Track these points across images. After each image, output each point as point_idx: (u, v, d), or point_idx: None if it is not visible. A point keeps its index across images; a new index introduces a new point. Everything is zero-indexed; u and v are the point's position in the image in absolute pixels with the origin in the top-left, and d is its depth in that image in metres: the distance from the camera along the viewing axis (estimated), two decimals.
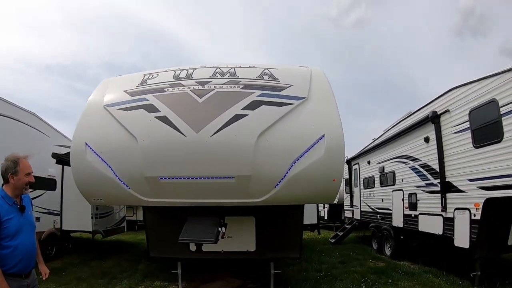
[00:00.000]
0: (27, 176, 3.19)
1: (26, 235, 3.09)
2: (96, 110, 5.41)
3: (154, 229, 6.89)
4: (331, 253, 11.13)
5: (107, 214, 11.45)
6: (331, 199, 5.17)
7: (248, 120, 4.67)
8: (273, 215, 6.30)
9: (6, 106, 8.93)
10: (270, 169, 4.66)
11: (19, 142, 8.94)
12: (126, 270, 8.88)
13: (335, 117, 4.88)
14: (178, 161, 4.70)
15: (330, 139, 4.67)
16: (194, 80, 5.31)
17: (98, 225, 10.76)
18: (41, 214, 9.66)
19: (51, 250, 10.15)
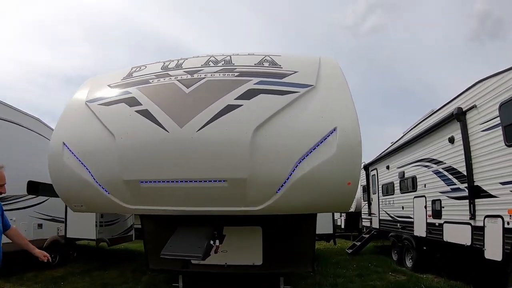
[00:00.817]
0: (1, 188, 3.13)
1: None
2: (78, 107, 4.65)
3: (152, 239, 6.04)
4: (348, 265, 10.04)
5: (114, 222, 10.80)
6: (345, 207, 4.19)
7: (243, 111, 3.77)
8: (282, 224, 5.42)
9: (9, 111, 8.41)
10: (269, 171, 3.74)
11: (22, 147, 8.48)
12: (128, 281, 8.08)
13: (349, 106, 3.94)
14: (160, 161, 3.84)
15: (344, 132, 3.73)
16: (183, 70, 4.48)
17: (103, 233, 10.11)
18: (44, 221, 9.08)
19: (54, 258, 9.40)
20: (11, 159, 7.70)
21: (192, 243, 4.09)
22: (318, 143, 3.73)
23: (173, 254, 4.04)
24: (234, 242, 5.32)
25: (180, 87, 4.12)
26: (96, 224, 9.65)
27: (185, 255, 3.96)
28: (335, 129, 3.74)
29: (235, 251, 5.43)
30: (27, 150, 8.59)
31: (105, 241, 10.25)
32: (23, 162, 8.32)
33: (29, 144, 8.93)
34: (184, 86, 4.11)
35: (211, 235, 4.26)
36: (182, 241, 4.18)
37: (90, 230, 9.67)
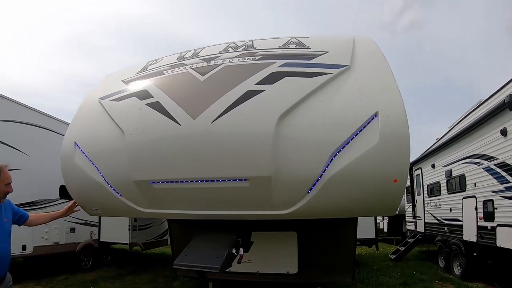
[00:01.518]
0: (6, 186, 2.99)
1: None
2: (91, 104, 4.21)
3: (179, 243, 5.51)
4: (391, 272, 9.07)
5: (148, 226, 10.51)
6: (391, 209, 3.38)
7: (265, 97, 3.12)
8: (319, 229, 4.70)
9: (43, 118, 8.31)
10: (298, 167, 3.05)
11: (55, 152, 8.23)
12: (159, 287, 7.67)
13: (391, 87, 3.18)
14: (171, 158, 3.26)
15: (387, 118, 2.97)
16: (199, 58, 3.89)
17: (137, 238, 9.87)
18: (76, 225, 8.86)
19: (87, 261, 9.32)
20: (44, 164, 7.56)
21: (210, 252, 3.45)
22: (357, 131, 3.00)
23: (186, 264, 3.42)
24: (266, 248, 4.71)
25: (194, 76, 3.54)
26: (130, 228, 9.36)
27: (200, 267, 3.32)
28: (376, 115, 3.00)
29: (268, 259, 4.80)
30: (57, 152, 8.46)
31: (139, 245, 9.98)
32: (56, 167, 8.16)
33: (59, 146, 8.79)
34: (198, 74, 3.53)
35: (233, 242, 3.61)
36: (199, 249, 3.56)
37: (124, 234, 9.40)
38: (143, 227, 10.10)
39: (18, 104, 7.49)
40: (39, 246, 7.38)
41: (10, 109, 7.20)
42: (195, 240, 3.78)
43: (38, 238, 7.48)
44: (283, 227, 4.61)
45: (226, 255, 3.36)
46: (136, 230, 9.70)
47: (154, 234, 10.86)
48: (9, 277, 3.06)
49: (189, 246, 3.68)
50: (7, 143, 7.01)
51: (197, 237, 3.84)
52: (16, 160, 7.09)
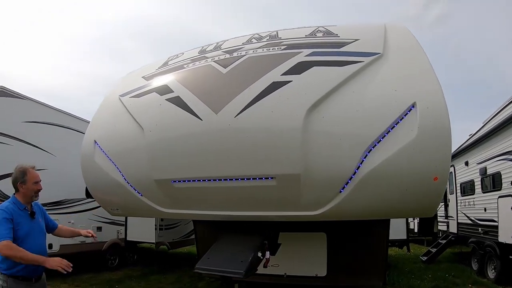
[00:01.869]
0: (35, 185, 3.03)
1: (34, 240, 2.96)
2: (111, 102, 4.05)
3: (204, 244, 5.31)
4: (423, 275, 8.56)
5: (174, 226, 10.36)
6: (430, 210, 3.03)
7: (292, 88, 2.83)
8: (349, 230, 4.39)
9: (70, 119, 8.31)
10: (330, 164, 2.75)
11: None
12: (184, 287, 7.49)
13: (429, 76, 2.82)
14: (192, 156, 3.03)
15: (426, 110, 2.63)
16: (221, 50, 3.65)
17: (163, 237, 9.73)
18: (103, 224, 8.80)
19: (113, 260, 9.25)
20: (70, 164, 7.48)
21: (234, 255, 3.19)
22: (393, 124, 2.67)
23: (208, 269, 3.16)
24: (294, 250, 4.45)
25: (216, 68, 3.30)
26: (156, 228, 9.23)
27: (223, 271, 3.06)
28: (414, 106, 2.67)
29: (295, 260, 4.53)
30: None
31: (165, 244, 9.86)
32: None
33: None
34: (221, 67, 3.28)
35: (259, 245, 3.34)
36: (222, 252, 3.31)
37: (150, 233, 9.29)
38: (169, 227, 9.96)
39: (43, 105, 7.49)
40: (65, 245, 7.35)
41: (35, 110, 7.20)
42: (219, 242, 3.53)
43: None
44: (312, 227, 4.32)
45: (251, 259, 3.08)
46: (162, 229, 9.57)
47: (180, 233, 10.72)
48: (44, 276, 3.15)
49: (212, 248, 3.43)
50: (34, 143, 7.01)
51: (221, 239, 3.60)
52: (43, 160, 7.07)
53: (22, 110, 6.87)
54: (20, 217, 2.90)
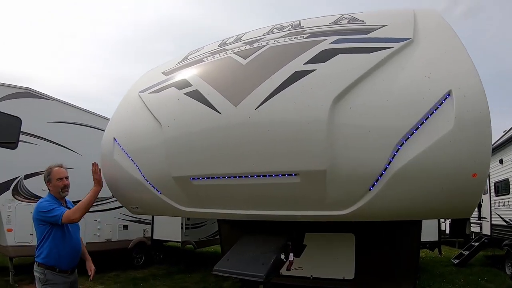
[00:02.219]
0: (59, 181, 3.15)
1: (70, 234, 3.09)
2: (130, 99, 3.96)
3: (229, 243, 5.15)
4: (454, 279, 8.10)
5: (201, 225, 10.30)
6: (466, 210, 2.72)
7: (316, 77, 2.60)
8: (379, 231, 4.13)
9: (95, 119, 8.36)
10: (358, 159, 2.51)
11: None
12: (209, 287, 7.39)
13: (465, 62, 2.52)
14: (211, 151, 2.86)
15: (463, 98, 2.34)
16: (241, 42, 3.46)
17: (189, 236, 9.66)
18: (129, 223, 8.85)
19: (139, 258, 9.28)
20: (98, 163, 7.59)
21: (254, 258, 2.97)
22: (427, 115, 2.39)
23: (226, 271, 2.97)
24: (321, 251, 4.22)
25: (236, 60, 3.11)
26: (182, 227, 9.18)
27: (242, 274, 2.86)
28: (450, 94, 2.38)
29: (322, 262, 4.30)
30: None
31: (191, 243, 9.78)
32: None
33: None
34: (240, 58, 3.09)
35: (283, 247, 3.12)
36: (242, 254, 3.11)
37: (176, 232, 9.25)
38: (196, 226, 9.91)
39: (68, 105, 7.57)
40: (91, 242, 7.40)
41: (61, 110, 7.28)
42: (240, 243, 3.34)
43: (90, 234, 7.51)
44: (340, 228, 4.08)
45: (273, 262, 2.86)
46: (188, 228, 9.51)
47: (207, 232, 10.64)
48: (76, 271, 3.26)
49: (232, 250, 3.24)
50: (60, 143, 7.09)
51: (242, 240, 3.41)
52: (70, 160, 7.10)
53: (48, 111, 6.96)
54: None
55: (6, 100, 6.21)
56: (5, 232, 5.90)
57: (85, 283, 6.97)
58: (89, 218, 7.52)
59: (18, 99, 6.42)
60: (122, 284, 7.01)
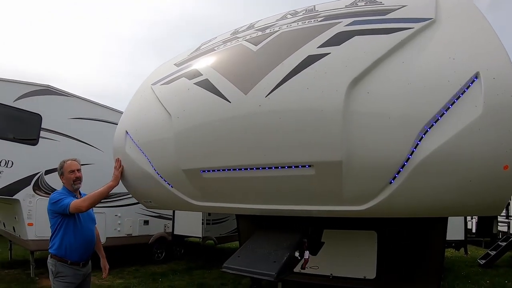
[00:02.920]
0: (71, 173, 3.17)
1: (83, 226, 3.09)
2: (143, 92, 3.88)
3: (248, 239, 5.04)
4: (480, 280, 7.68)
5: (222, 221, 10.24)
6: (496, 206, 2.44)
7: (331, 61, 2.40)
8: (402, 229, 3.92)
9: (108, 112, 8.40)
10: (377, 149, 2.29)
11: None
12: (227, 283, 7.29)
13: (493, 42, 2.27)
14: (220, 142, 2.71)
15: (492, 81, 2.09)
16: (253, 29, 3.31)
17: (210, 232, 9.62)
18: (150, 218, 8.89)
19: (160, 254, 9.31)
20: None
21: (266, 255, 2.81)
22: (453, 99, 2.16)
23: (236, 268, 2.83)
24: (340, 249, 4.04)
25: (247, 47, 2.96)
26: (203, 222, 9.15)
27: (252, 272, 2.70)
28: (477, 76, 2.14)
29: (342, 261, 4.12)
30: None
31: (212, 239, 9.74)
32: None
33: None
34: (251, 45, 2.94)
35: (297, 244, 2.94)
36: (254, 251, 2.95)
37: (197, 228, 9.22)
38: (216, 221, 9.86)
39: (88, 101, 7.64)
40: (111, 237, 7.45)
41: (81, 107, 7.36)
42: (252, 239, 3.19)
43: (111, 229, 7.58)
44: (361, 225, 3.87)
45: (286, 260, 2.69)
46: (209, 224, 9.47)
47: (228, 228, 10.56)
48: (90, 264, 3.25)
49: (244, 246, 3.10)
50: (81, 139, 7.17)
51: (254, 236, 3.26)
52: (91, 156, 7.22)
53: (68, 107, 7.04)
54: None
55: (27, 98, 6.32)
56: (26, 226, 6.02)
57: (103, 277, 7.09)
58: (110, 213, 7.58)
59: (38, 97, 6.53)
60: (141, 279, 7.02)
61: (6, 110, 6.06)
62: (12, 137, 6.16)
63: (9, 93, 6.10)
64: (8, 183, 5.93)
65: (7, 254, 8.01)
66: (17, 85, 6.27)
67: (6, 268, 7.30)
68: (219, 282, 7.30)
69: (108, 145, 7.47)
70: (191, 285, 6.96)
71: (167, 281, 7.11)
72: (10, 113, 6.14)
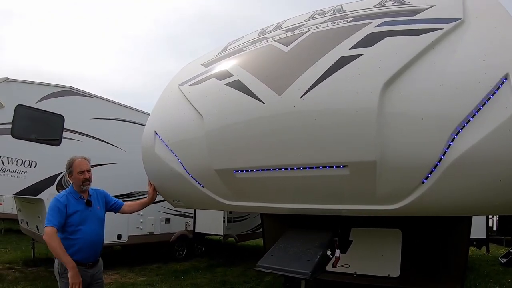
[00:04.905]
0: (80, 174, 3.11)
1: (89, 227, 3.07)
2: (170, 92, 4.04)
3: (272, 238, 5.14)
4: (502, 279, 7.65)
5: (243, 219, 10.31)
6: None
7: (364, 62, 2.50)
8: (427, 227, 3.98)
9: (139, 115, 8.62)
10: (411, 149, 2.39)
11: None
12: (250, 280, 7.42)
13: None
14: (255, 142, 2.84)
15: None
16: (282, 29, 3.41)
17: (231, 229, 9.73)
18: (171, 216, 9.09)
19: (181, 251, 9.52)
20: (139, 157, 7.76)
21: (300, 253, 2.93)
22: (483, 100, 2.24)
23: (270, 267, 2.93)
24: (365, 247, 4.11)
25: (277, 47, 3.07)
26: (224, 220, 9.28)
27: (286, 270, 2.81)
28: (507, 78, 2.23)
29: (366, 259, 4.19)
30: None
31: (233, 237, 9.89)
32: None
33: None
34: (282, 45, 3.05)
35: (329, 242, 3.05)
36: (287, 250, 3.07)
37: (218, 226, 9.35)
38: (238, 219, 9.98)
39: (109, 101, 7.84)
40: (133, 235, 7.67)
41: (102, 107, 7.55)
42: (284, 238, 3.30)
43: (133, 227, 7.79)
44: (386, 223, 3.93)
45: (319, 258, 2.81)
46: (231, 222, 9.59)
47: (249, 226, 10.68)
48: (101, 263, 3.26)
49: (276, 245, 3.21)
50: (103, 139, 7.36)
51: (286, 235, 3.37)
52: (113, 155, 7.42)
53: (90, 108, 7.24)
54: (75, 206, 3.04)
55: (49, 99, 6.52)
56: None
57: (127, 275, 7.31)
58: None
59: (60, 98, 6.72)
60: (164, 276, 7.21)
61: (29, 112, 6.26)
62: (35, 138, 6.38)
63: (32, 94, 6.30)
64: (32, 183, 6.14)
65: (30, 252, 8.28)
66: (39, 86, 6.47)
67: (30, 266, 7.57)
68: (241, 280, 7.43)
69: (131, 144, 7.73)
70: (213, 283, 7.11)
71: (189, 279, 7.29)
72: (33, 115, 6.35)
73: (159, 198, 8.36)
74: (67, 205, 2.99)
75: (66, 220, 2.95)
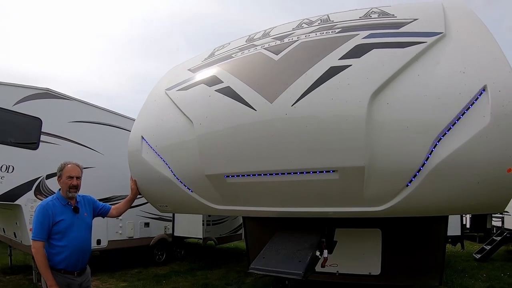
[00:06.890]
0: (69, 179, 3.07)
1: (76, 234, 3.03)
2: (157, 97, 4.04)
3: (254, 241, 5.22)
4: (476, 274, 8.05)
5: (221, 221, 10.44)
6: (499, 205, 2.75)
7: (352, 73, 2.64)
8: (406, 226, 4.16)
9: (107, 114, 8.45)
10: (396, 154, 2.55)
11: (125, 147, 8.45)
12: (231, 283, 7.45)
13: (498, 57, 2.56)
14: (247, 148, 2.91)
15: (498, 93, 2.38)
16: (271, 37, 3.50)
17: (210, 232, 9.81)
18: (150, 220, 9.00)
19: (161, 255, 9.44)
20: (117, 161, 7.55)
21: (291, 255, 3.04)
22: (463, 110, 2.44)
23: (264, 269, 3.01)
24: (347, 246, 4.23)
25: (267, 55, 3.16)
26: (203, 223, 9.31)
27: (280, 272, 2.90)
28: (485, 89, 2.43)
29: (348, 258, 4.34)
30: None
31: (212, 240, 9.93)
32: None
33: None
34: (272, 54, 3.14)
35: (317, 243, 3.17)
36: (278, 252, 3.16)
37: (197, 229, 9.39)
38: (216, 222, 10.06)
39: (88, 104, 7.67)
40: (113, 240, 7.56)
41: (81, 110, 7.39)
42: (274, 241, 3.39)
43: (113, 232, 7.67)
44: (367, 223, 4.10)
45: (310, 259, 2.92)
46: (209, 225, 9.66)
47: (228, 228, 10.79)
48: (89, 271, 3.22)
49: (267, 247, 3.30)
50: (81, 142, 7.20)
51: (275, 237, 3.46)
52: (91, 159, 7.27)
53: (68, 111, 7.07)
54: (61, 213, 2.99)
55: (26, 101, 6.32)
56: (28, 232, 6.02)
57: (108, 280, 7.19)
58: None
59: (37, 100, 6.53)
60: (145, 281, 7.15)
61: (5, 114, 6.04)
62: (12, 142, 6.16)
63: (9, 97, 6.08)
64: (9, 189, 5.93)
65: (7, 260, 8.01)
66: (17, 88, 6.26)
67: (7, 274, 7.35)
68: (223, 282, 7.45)
69: (109, 148, 7.61)
70: (195, 286, 7.10)
71: (171, 283, 7.26)
72: (9, 117, 6.13)
73: (139, 202, 8.33)
74: (54, 213, 2.94)
75: (52, 227, 2.90)
